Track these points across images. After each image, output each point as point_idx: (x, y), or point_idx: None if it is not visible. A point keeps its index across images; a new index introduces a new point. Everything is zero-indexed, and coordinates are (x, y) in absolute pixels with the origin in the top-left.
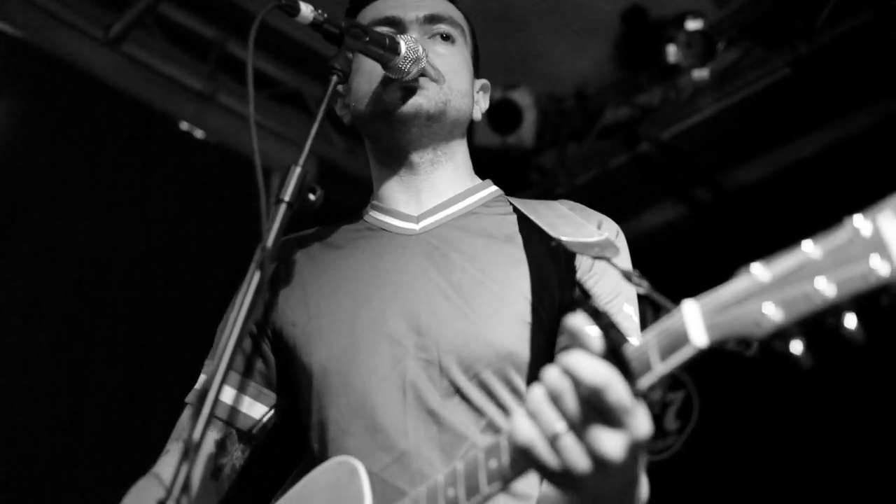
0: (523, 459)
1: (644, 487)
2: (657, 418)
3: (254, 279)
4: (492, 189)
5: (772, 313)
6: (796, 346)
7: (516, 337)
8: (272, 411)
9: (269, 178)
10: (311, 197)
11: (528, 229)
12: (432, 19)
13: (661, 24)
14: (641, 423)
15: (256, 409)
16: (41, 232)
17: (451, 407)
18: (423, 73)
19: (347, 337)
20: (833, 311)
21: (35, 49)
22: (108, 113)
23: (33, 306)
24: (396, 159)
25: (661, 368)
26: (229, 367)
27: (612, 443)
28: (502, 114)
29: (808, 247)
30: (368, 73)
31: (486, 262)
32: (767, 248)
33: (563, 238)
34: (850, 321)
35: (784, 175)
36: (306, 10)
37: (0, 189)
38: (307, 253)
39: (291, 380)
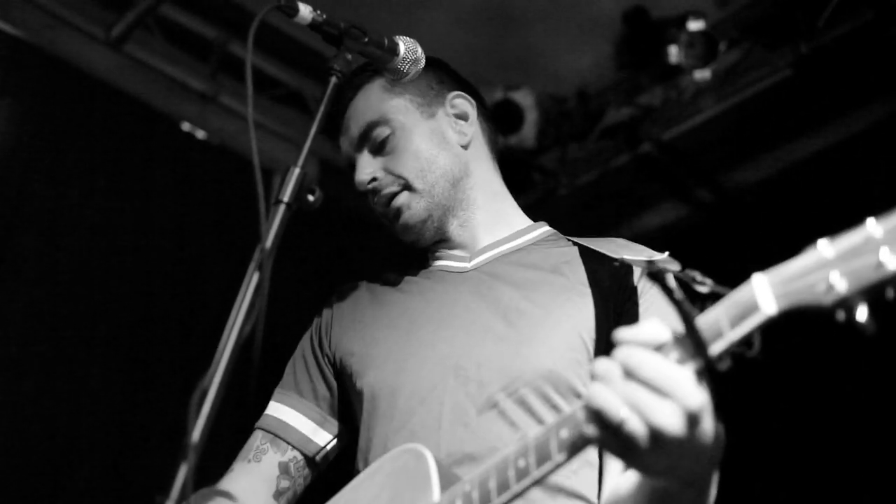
0: (597, 424)
1: (713, 488)
2: None
3: (253, 280)
4: (545, 229)
5: (838, 282)
6: (861, 314)
7: (558, 357)
8: (335, 440)
9: (271, 178)
10: (311, 198)
11: (589, 257)
12: (360, 140)
13: (662, 24)
14: (689, 392)
15: (321, 436)
16: (42, 232)
17: (486, 421)
18: (383, 203)
19: (396, 363)
20: (894, 282)
21: (36, 49)
22: (109, 113)
23: (33, 306)
24: (434, 243)
25: (732, 335)
26: (296, 387)
27: (663, 411)
28: (503, 114)
29: (871, 224)
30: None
31: (533, 290)
32: (770, 248)
33: (626, 257)
34: None
35: (786, 175)
36: (305, 11)
37: (0, 189)
38: (371, 291)
39: (349, 407)
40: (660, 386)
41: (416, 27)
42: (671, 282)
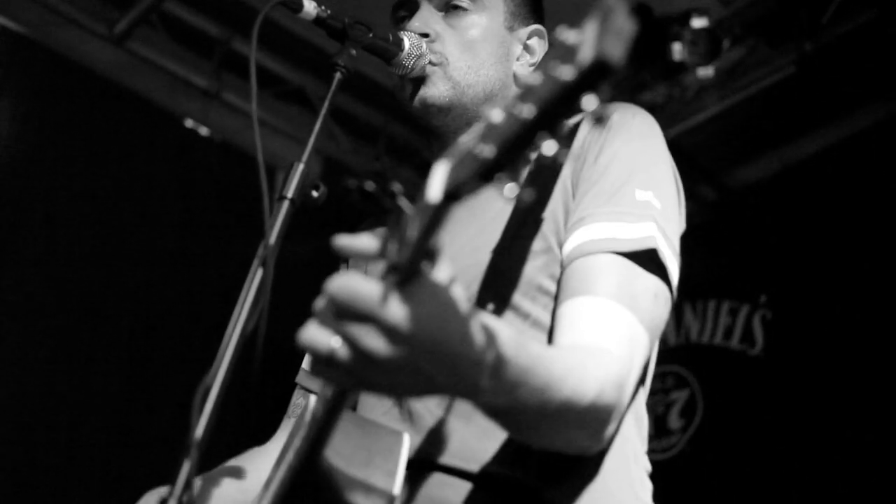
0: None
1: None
2: (661, 418)
3: (256, 276)
4: None
5: (484, 150)
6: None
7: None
8: None
9: (274, 175)
10: (314, 194)
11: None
12: None
13: (665, 21)
14: (386, 310)
15: None
16: (45, 229)
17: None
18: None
19: None
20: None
21: (39, 46)
22: (112, 110)
23: (36, 304)
24: (440, 142)
25: (412, 234)
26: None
27: (367, 335)
28: None
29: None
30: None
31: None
32: (773, 245)
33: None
34: (549, 146)
35: (789, 173)
36: (309, 7)
37: (4, 186)
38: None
39: None
40: (358, 309)
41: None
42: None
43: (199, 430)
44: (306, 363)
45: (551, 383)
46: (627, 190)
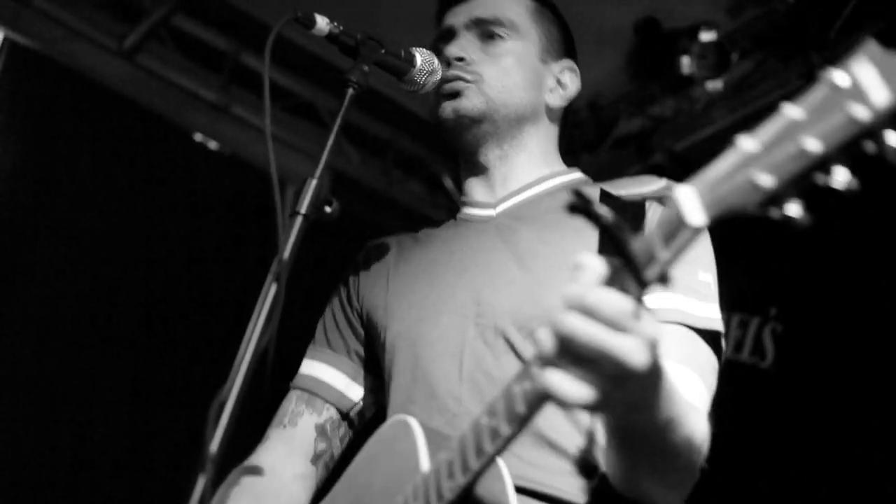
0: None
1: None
2: None
3: (270, 292)
4: (577, 175)
5: (763, 180)
6: (793, 209)
7: None
8: (369, 395)
9: (284, 190)
10: (328, 209)
11: (608, 199)
12: (478, 23)
13: (674, 35)
14: (644, 324)
15: (355, 391)
16: (54, 242)
17: (505, 365)
18: (449, 80)
19: (416, 312)
20: (822, 166)
21: (49, 60)
22: (122, 124)
23: (44, 316)
24: (468, 160)
25: (665, 256)
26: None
27: (628, 345)
28: None
29: (790, 109)
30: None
31: (552, 232)
32: (783, 258)
33: (623, 192)
34: (842, 175)
35: None
36: (322, 23)
37: (14, 199)
38: (399, 245)
39: (377, 362)
40: (615, 320)
41: (429, 39)
42: (598, 210)
43: (215, 445)
44: (308, 367)
45: (681, 416)
46: (693, 269)
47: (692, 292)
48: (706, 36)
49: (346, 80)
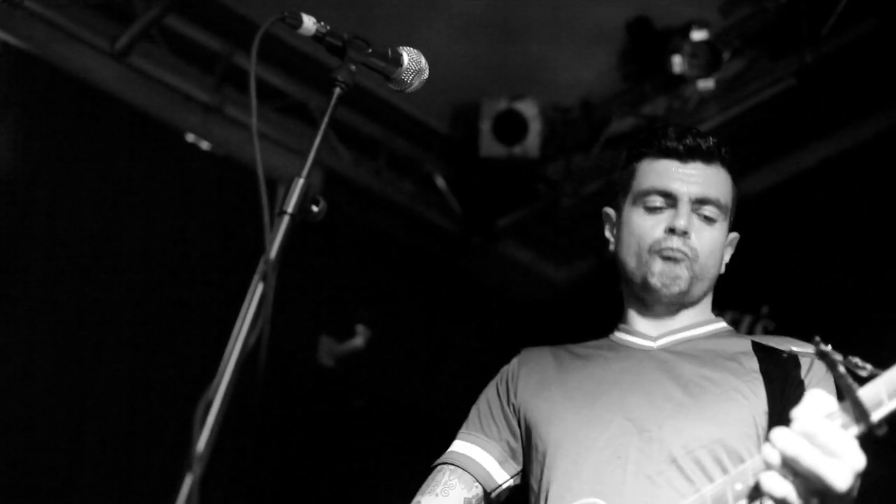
0: (781, 475)
1: None
2: None
3: (257, 292)
4: (723, 325)
5: None
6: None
7: (733, 429)
8: (512, 480)
9: (275, 189)
10: (315, 209)
11: (761, 350)
12: (701, 202)
13: (666, 34)
14: (856, 453)
15: (501, 475)
16: (47, 242)
17: (668, 473)
18: (671, 248)
19: (582, 418)
20: None
21: (41, 61)
22: (113, 125)
23: (38, 317)
24: (646, 304)
25: (891, 405)
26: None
27: (836, 469)
28: (507, 125)
29: None
30: (639, 235)
31: (714, 371)
32: (774, 256)
33: (794, 348)
34: None
35: (789, 185)
36: (309, 23)
37: (6, 201)
38: (556, 357)
39: (530, 454)
40: (833, 448)
41: (420, 39)
42: (837, 360)
43: (201, 445)
44: (461, 447)
45: None
46: None
47: None
48: (698, 35)
49: (334, 80)
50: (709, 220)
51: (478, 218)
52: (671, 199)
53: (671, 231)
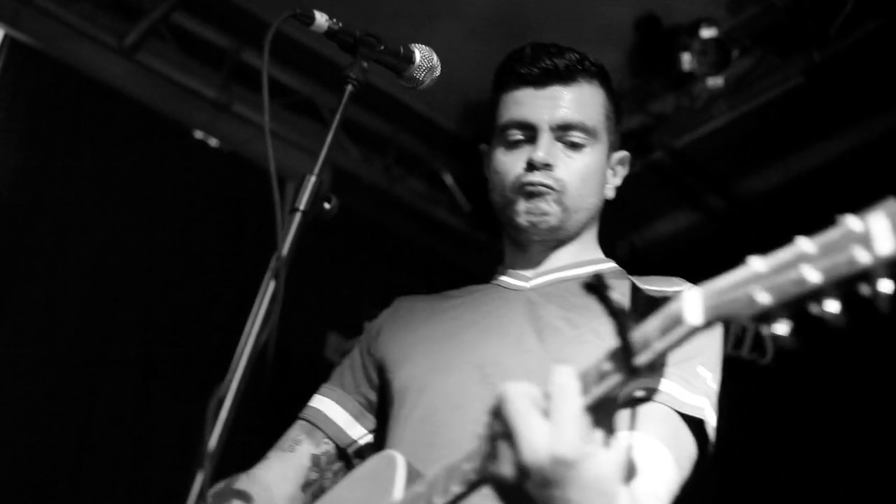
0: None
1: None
2: None
3: (269, 288)
4: (610, 265)
5: (761, 297)
6: (782, 328)
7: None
8: (369, 435)
9: (284, 186)
10: (327, 206)
11: (637, 291)
12: (564, 128)
13: (674, 31)
14: (529, 444)
15: (356, 430)
16: (55, 239)
17: None
18: (532, 184)
19: (431, 362)
20: (816, 297)
21: (49, 58)
22: (122, 121)
23: (46, 313)
24: (522, 244)
25: (659, 345)
26: (343, 384)
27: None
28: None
29: (803, 242)
30: (502, 173)
31: (575, 313)
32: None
33: (666, 288)
34: (832, 306)
35: (798, 183)
36: (321, 20)
37: (15, 197)
38: (429, 302)
39: (383, 402)
40: (513, 432)
41: (431, 37)
42: (611, 294)
43: (213, 442)
44: (316, 402)
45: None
46: (692, 363)
47: (684, 381)
48: (706, 33)
49: (345, 77)
50: (576, 146)
51: (486, 216)
52: (530, 130)
53: (531, 165)
